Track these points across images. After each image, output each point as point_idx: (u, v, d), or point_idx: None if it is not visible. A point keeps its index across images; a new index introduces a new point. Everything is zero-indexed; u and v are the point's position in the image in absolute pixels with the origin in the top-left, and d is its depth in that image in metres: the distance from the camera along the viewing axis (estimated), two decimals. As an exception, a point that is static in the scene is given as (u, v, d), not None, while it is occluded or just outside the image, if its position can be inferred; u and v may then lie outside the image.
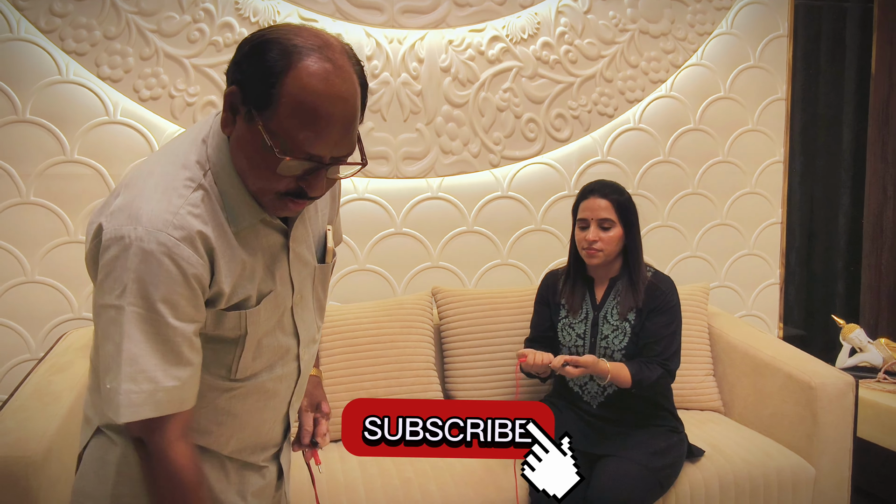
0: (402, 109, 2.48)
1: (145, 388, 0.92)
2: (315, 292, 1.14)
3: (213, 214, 0.96)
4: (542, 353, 1.76)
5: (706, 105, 2.79)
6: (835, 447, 2.03)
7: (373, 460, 1.93)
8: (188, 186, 0.95)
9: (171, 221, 0.91)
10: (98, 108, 2.29)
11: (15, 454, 1.49)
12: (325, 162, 0.92)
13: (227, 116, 0.95)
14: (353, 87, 0.92)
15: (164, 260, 0.90)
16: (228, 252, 0.97)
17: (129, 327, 0.91)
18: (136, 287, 0.90)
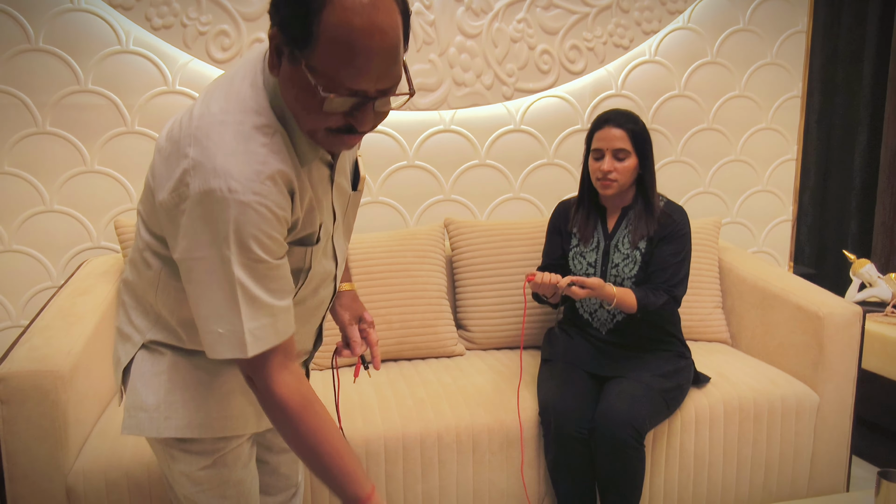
0: (415, 40, 2.45)
1: (266, 322, 0.97)
2: (347, 218, 1.19)
3: (289, 154, 0.98)
4: (551, 273, 1.79)
5: (724, 37, 2.73)
6: (839, 376, 2.06)
7: (387, 383, 1.99)
8: (266, 133, 0.96)
9: (260, 171, 0.93)
10: (111, 37, 2.28)
11: (44, 368, 1.54)
12: (371, 96, 0.91)
13: (273, 58, 0.94)
14: (392, 16, 0.89)
15: (260, 209, 0.93)
16: (301, 187, 1.01)
17: (238, 273, 0.94)
18: (237, 237, 0.93)
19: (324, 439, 1.02)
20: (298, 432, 1.01)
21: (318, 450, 1.02)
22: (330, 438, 1.03)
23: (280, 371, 1.01)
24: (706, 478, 1.98)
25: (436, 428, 1.81)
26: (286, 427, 1.02)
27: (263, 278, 0.97)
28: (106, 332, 1.90)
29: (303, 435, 1.01)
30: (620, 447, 1.71)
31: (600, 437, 1.74)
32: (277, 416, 1.02)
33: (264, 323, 0.97)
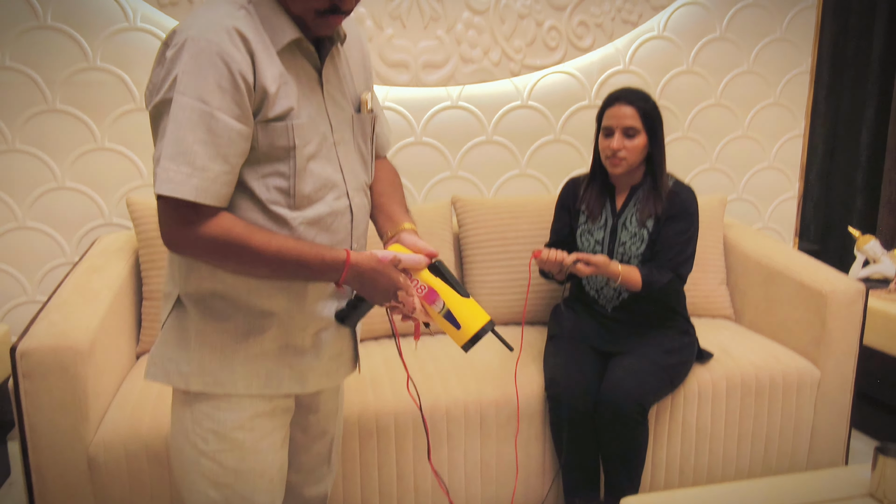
0: (423, 16, 2.45)
1: (183, 171, 1.02)
2: (356, 141, 1.24)
3: (255, 28, 1.08)
4: (557, 250, 1.81)
5: (733, 13, 2.71)
6: (840, 352, 2.10)
7: (397, 358, 2.03)
8: (232, 5, 1.09)
9: (216, 23, 1.04)
10: (118, 14, 2.28)
11: (64, 344, 1.59)
12: None
13: None
14: None
15: (212, 55, 1.01)
16: (269, 59, 1.08)
17: (176, 112, 1.01)
18: (185, 78, 1.01)
19: (282, 240, 1.09)
20: (255, 247, 1.06)
21: (283, 250, 1.08)
22: (286, 239, 1.10)
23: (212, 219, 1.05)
24: (707, 451, 2.02)
25: (444, 403, 1.85)
26: (239, 251, 1.06)
27: (199, 126, 1.01)
28: (121, 307, 1.95)
29: (261, 247, 1.07)
30: (624, 422, 1.76)
31: (605, 412, 1.78)
32: (223, 247, 1.06)
33: (181, 170, 1.01)
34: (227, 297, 1.16)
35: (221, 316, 1.16)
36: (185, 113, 1.01)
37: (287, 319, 1.18)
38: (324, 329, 1.23)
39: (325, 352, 1.24)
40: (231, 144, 1.04)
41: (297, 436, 1.35)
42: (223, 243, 1.06)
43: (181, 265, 1.17)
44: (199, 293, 1.16)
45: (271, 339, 1.18)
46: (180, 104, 1.01)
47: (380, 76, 2.45)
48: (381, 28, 2.42)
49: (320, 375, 1.25)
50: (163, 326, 1.21)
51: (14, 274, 2.36)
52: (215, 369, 1.16)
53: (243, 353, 1.17)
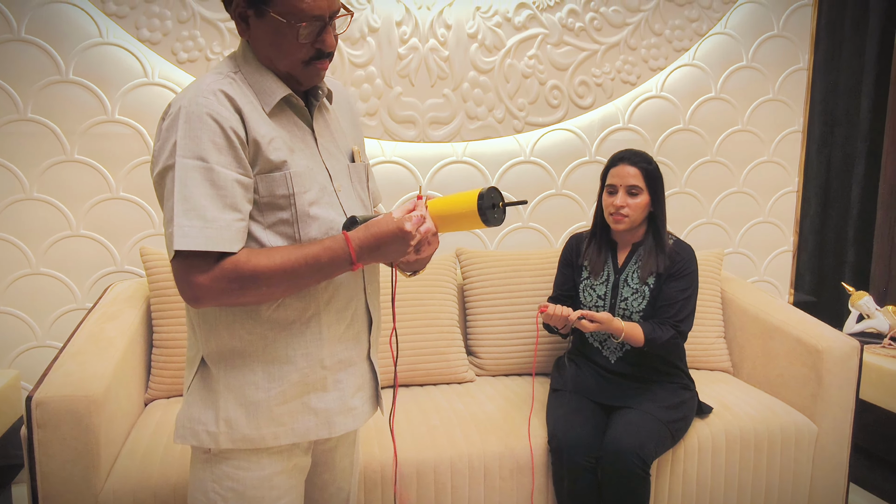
0: (430, 75, 2.55)
1: (196, 224, 1.09)
2: (355, 189, 1.30)
3: (243, 94, 1.17)
4: (563, 306, 1.87)
5: (728, 74, 2.83)
6: (837, 407, 2.14)
7: (401, 409, 2.06)
8: (217, 76, 1.18)
9: (205, 89, 1.14)
10: (137, 69, 2.37)
11: (78, 393, 1.62)
12: (328, 19, 1.16)
13: (240, 25, 1.19)
14: None
15: (203, 117, 1.10)
16: (259, 118, 1.16)
17: (181, 174, 1.09)
18: (183, 142, 1.10)
19: (282, 251, 1.14)
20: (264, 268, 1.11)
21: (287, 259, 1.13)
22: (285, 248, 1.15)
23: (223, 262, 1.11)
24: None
25: (448, 455, 1.88)
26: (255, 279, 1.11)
27: (203, 182, 1.09)
28: (133, 355, 1.98)
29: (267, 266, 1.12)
30: (627, 476, 1.78)
31: (607, 467, 1.81)
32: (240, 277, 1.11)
33: (194, 224, 1.08)
34: (246, 352, 1.20)
35: (244, 371, 1.20)
36: (187, 173, 1.09)
37: (307, 365, 1.22)
38: (343, 370, 1.27)
39: (347, 389, 1.27)
40: (235, 193, 1.12)
41: (313, 494, 1.38)
42: (236, 279, 1.11)
43: (201, 327, 1.22)
44: (221, 352, 1.21)
45: (293, 388, 1.22)
46: (182, 166, 1.09)
47: (388, 132, 2.54)
48: (390, 86, 2.52)
49: (345, 416, 1.28)
50: (188, 389, 1.25)
51: (25, 319, 2.40)
52: (242, 426, 1.19)
53: (267, 406, 1.20)
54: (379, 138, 2.54)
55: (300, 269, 1.13)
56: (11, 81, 2.29)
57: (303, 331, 1.21)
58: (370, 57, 2.49)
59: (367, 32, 2.48)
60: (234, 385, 1.20)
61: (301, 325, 1.21)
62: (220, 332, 1.20)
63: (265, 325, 1.20)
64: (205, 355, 1.22)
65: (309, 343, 1.22)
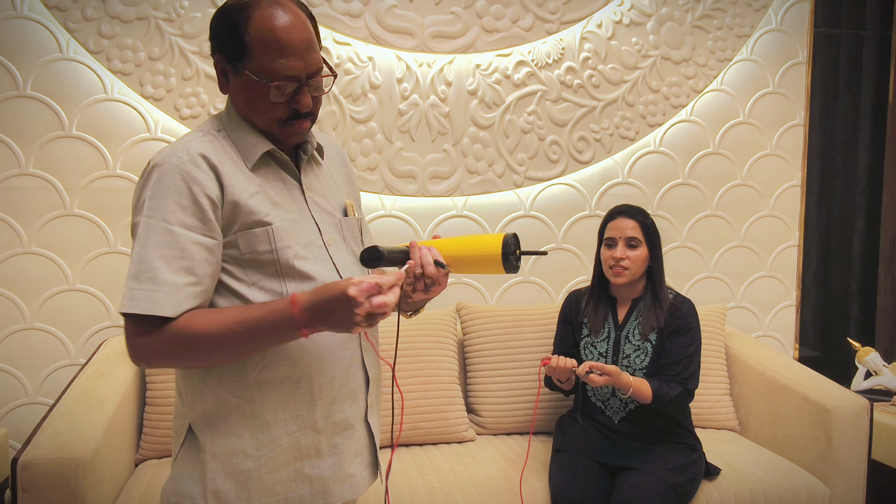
0: (430, 130, 2.57)
1: (146, 287, 1.06)
2: (347, 244, 1.26)
3: (224, 151, 1.15)
4: (566, 357, 1.83)
5: (725, 129, 2.85)
6: (849, 469, 2.07)
7: (400, 471, 2.00)
8: (198, 133, 1.17)
9: (180, 148, 1.12)
10: (140, 125, 2.39)
11: (66, 455, 1.57)
12: (303, 80, 1.14)
13: (221, 80, 1.18)
14: (302, 17, 1.15)
15: (174, 176, 1.09)
16: (239, 175, 1.14)
17: (142, 234, 1.08)
18: (151, 202, 1.08)
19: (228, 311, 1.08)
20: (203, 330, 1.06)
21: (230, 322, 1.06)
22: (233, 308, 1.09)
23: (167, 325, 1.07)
24: (719, 573, 1.96)
25: (448, 519, 1.81)
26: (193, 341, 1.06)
27: (162, 244, 1.07)
28: (124, 414, 1.93)
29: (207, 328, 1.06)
30: (634, 543, 1.72)
31: (613, 532, 1.74)
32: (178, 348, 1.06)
33: (144, 287, 1.06)
34: (232, 417, 1.14)
35: (231, 438, 1.14)
36: (147, 233, 1.07)
37: (297, 429, 1.16)
38: (339, 433, 1.20)
39: (344, 455, 1.20)
40: (195, 258, 1.08)
41: None
42: (176, 342, 1.06)
43: (186, 391, 1.18)
44: (207, 417, 1.15)
45: (284, 454, 1.15)
46: (144, 225, 1.07)
47: (388, 186, 2.55)
48: (391, 141, 2.54)
49: (342, 484, 1.20)
50: (175, 461, 1.19)
51: (16, 375, 2.35)
52: (231, 499, 1.13)
53: (258, 476, 1.14)
54: (379, 192, 2.55)
55: (241, 333, 1.05)
56: (14, 136, 2.30)
57: (292, 391, 1.15)
58: (371, 112, 2.52)
59: (368, 89, 2.51)
60: (221, 454, 1.14)
61: (290, 386, 1.15)
62: (205, 396, 1.15)
63: (252, 386, 1.14)
64: (192, 422, 1.16)
65: (300, 405, 1.16)
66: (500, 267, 1.16)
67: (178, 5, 2.36)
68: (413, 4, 2.50)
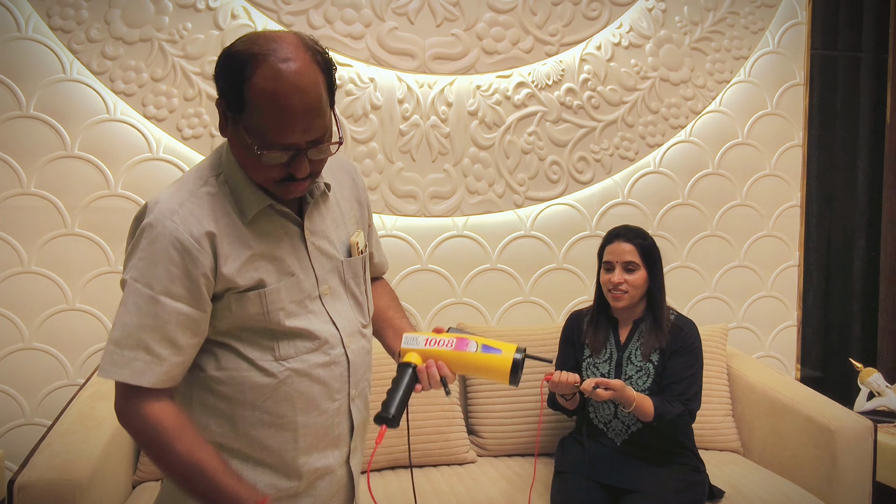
0: (431, 151, 2.58)
1: (127, 354, 1.04)
2: (347, 287, 1.21)
3: (220, 207, 1.09)
4: (569, 372, 1.82)
5: (724, 150, 2.87)
6: (854, 491, 2.05)
7: (399, 493, 1.98)
8: (196, 184, 1.10)
9: (176, 211, 1.06)
10: (142, 145, 2.40)
11: (63, 477, 1.56)
12: (302, 148, 1.04)
13: (222, 122, 1.08)
14: (311, 77, 1.02)
15: (166, 243, 1.04)
16: (236, 240, 1.09)
17: (127, 296, 1.05)
18: (140, 264, 1.04)
19: (205, 456, 1.05)
20: (177, 451, 1.04)
21: (200, 466, 1.04)
22: (210, 457, 1.05)
23: (152, 401, 1.05)
24: None
25: (449, 542, 1.79)
26: (163, 447, 1.04)
27: (145, 311, 1.04)
28: (123, 434, 1.91)
29: (182, 454, 1.04)
30: (637, 567, 1.69)
31: (617, 556, 1.72)
32: (152, 436, 1.04)
33: (125, 355, 1.03)
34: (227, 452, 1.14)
35: None
36: (133, 298, 1.04)
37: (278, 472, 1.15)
38: (318, 478, 1.19)
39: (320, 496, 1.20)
40: (178, 329, 1.05)
41: None
42: (151, 432, 1.05)
43: None
44: None
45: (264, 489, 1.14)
46: (130, 289, 1.04)
47: (389, 206, 2.55)
48: (392, 161, 2.55)
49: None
50: (162, 485, 1.20)
51: (14, 395, 2.34)
52: None
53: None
54: (380, 212, 2.55)
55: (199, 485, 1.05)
56: (16, 156, 2.31)
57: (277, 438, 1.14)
58: (372, 133, 2.53)
59: (369, 109, 2.52)
60: None
61: (275, 432, 1.14)
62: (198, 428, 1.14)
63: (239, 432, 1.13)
64: None
65: (283, 451, 1.15)
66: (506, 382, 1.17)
67: (182, 27, 2.38)
68: (414, 26, 2.53)
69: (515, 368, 1.15)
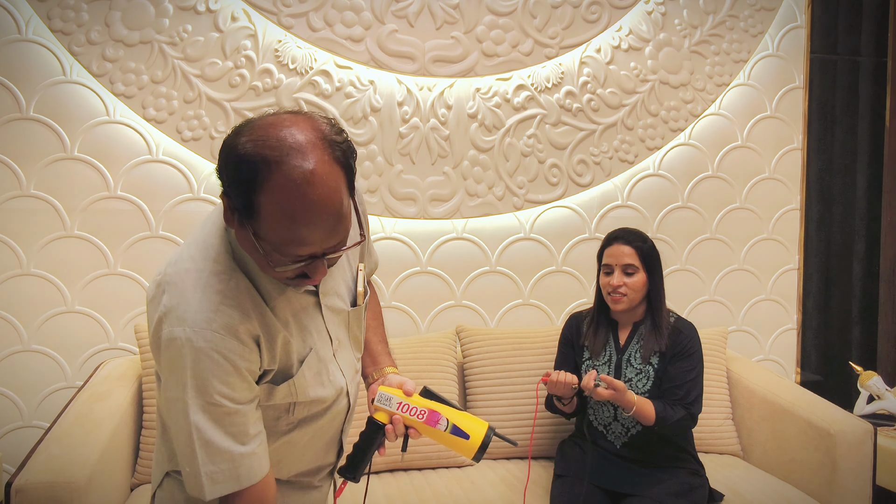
0: (431, 153, 2.58)
1: (224, 468, 1.02)
2: (351, 333, 1.21)
3: (250, 300, 1.02)
4: (567, 372, 1.81)
5: (724, 153, 2.87)
6: (854, 495, 2.05)
7: (398, 496, 1.97)
8: (222, 280, 1.01)
9: (213, 319, 0.98)
10: (142, 147, 2.40)
11: (61, 480, 1.55)
12: (319, 255, 0.95)
13: (227, 214, 0.98)
14: (332, 182, 0.91)
15: (213, 355, 0.98)
16: (269, 332, 1.04)
17: (196, 418, 1.00)
18: (194, 382, 0.99)
19: None
20: None
21: None
22: None
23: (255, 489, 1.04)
24: None
25: (448, 545, 1.78)
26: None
27: (222, 423, 1.01)
28: (121, 436, 1.91)
29: None
30: (637, 571, 1.69)
31: (616, 560, 1.71)
32: None
33: (223, 468, 1.01)
34: None
35: None
36: (202, 417, 0.99)
37: None
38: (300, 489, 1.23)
39: None
40: (250, 422, 1.04)
41: None
42: None
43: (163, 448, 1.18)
44: None
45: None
46: (196, 409, 0.99)
47: (388, 208, 2.55)
48: (391, 164, 2.55)
49: None
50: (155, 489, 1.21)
51: (12, 398, 2.33)
52: None
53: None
54: (379, 215, 2.55)
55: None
56: (16, 158, 2.31)
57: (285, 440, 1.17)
58: (372, 135, 2.53)
59: (369, 112, 2.52)
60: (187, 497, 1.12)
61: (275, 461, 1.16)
62: None
63: None
64: (171, 470, 1.17)
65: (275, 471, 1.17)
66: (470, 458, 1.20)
67: (182, 29, 2.39)
68: (414, 29, 2.53)
69: (481, 450, 1.20)
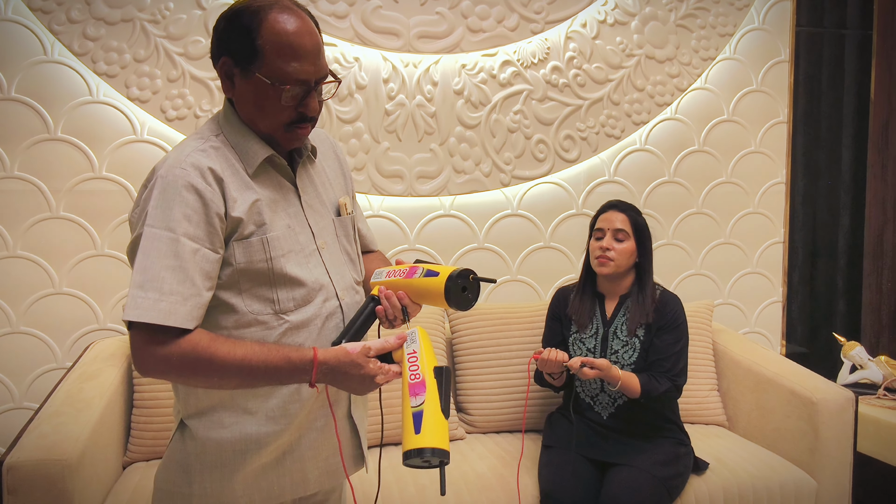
0: (417, 130, 2.57)
1: (151, 296, 1.05)
2: (340, 243, 1.29)
3: (224, 159, 1.15)
4: (557, 350, 1.84)
5: (710, 127, 2.88)
6: (836, 461, 2.09)
7: (390, 469, 2.00)
8: (198, 142, 1.17)
9: (183, 160, 1.12)
10: (126, 127, 2.39)
11: (52, 457, 1.56)
12: (313, 84, 1.15)
13: (226, 83, 1.17)
14: (310, 23, 1.16)
15: (179, 187, 1.09)
16: (241, 186, 1.15)
17: (146, 243, 1.07)
18: (155, 212, 1.08)
19: (248, 347, 1.09)
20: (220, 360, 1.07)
21: (249, 357, 1.08)
22: (252, 345, 1.10)
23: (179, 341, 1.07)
24: (708, 566, 1.97)
25: (438, 516, 1.81)
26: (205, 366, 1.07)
27: (167, 254, 1.06)
28: (111, 416, 1.92)
29: (226, 358, 1.07)
30: (623, 537, 1.72)
31: (603, 527, 1.75)
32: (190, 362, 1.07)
33: (150, 296, 1.05)
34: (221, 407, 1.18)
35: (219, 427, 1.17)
36: (152, 243, 1.07)
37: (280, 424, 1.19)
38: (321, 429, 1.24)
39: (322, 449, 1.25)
40: (198, 269, 1.08)
41: None
42: (190, 360, 1.07)
43: (179, 388, 1.21)
44: (199, 409, 1.19)
45: (269, 453, 1.19)
46: (149, 235, 1.07)
47: (375, 186, 2.55)
48: (378, 141, 2.54)
49: (321, 474, 1.25)
50: (168, 446, 1.23)
51: (2, 379, 2.33)
52: (216, 490, 1.16)
53: (242, 471, 1.17)
54: (367, 193, 2.55)
55: (257, 371, 1.09)
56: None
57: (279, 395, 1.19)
58: (358, 113, 2.52)
59: (354, 89, 2.51)
60: (211, 448, 1.17)
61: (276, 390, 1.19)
62: (198, 392, 1.18)
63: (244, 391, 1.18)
64: (185, 417, 1.20)
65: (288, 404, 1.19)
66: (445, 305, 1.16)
67: (164, 7, 2.36)
68: (398, 5, 2.51)
69: (449, 293, 1.14)
